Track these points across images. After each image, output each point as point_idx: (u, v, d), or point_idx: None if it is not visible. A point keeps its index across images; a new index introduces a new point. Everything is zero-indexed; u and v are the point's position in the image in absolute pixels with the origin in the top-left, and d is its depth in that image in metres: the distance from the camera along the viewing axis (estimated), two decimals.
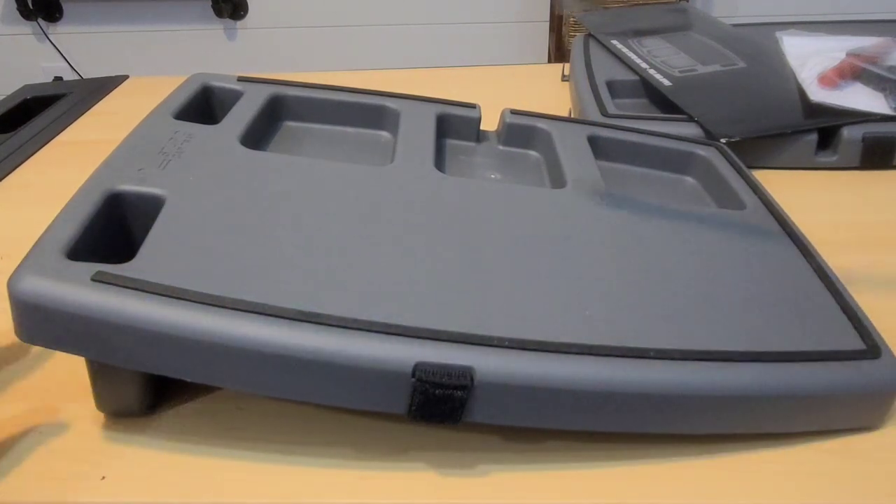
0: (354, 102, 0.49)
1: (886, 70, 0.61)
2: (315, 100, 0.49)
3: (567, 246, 0.36)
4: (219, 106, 0.48)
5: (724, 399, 0.30)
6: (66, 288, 0.28)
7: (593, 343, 0.30)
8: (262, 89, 0.48)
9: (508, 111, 0.50)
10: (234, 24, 1.82)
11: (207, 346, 0.27)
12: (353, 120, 0.49)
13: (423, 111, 0.48)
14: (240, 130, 0.42)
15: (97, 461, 0.31)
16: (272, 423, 0.33)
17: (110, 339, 0.28)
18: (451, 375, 0.27)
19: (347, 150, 0.47)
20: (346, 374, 0.28)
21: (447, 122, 0.48)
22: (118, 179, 0.35)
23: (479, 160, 0.48)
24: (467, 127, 0.49)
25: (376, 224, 0.35)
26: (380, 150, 0.47)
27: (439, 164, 0.43)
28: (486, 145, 0.49)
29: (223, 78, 0.49)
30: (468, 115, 0.49)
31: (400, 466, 0.31)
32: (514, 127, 0.49)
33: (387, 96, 0.49)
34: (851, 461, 0.31)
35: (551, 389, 0.28)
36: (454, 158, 0.47)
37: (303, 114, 0.49)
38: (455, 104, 0.50)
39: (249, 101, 0.46)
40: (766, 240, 0.40)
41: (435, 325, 0.29)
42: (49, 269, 0.28)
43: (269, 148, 0.45)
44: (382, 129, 0.49)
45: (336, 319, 0.28)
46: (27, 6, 1.75)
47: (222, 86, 0.48)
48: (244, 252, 0.31)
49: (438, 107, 0.49)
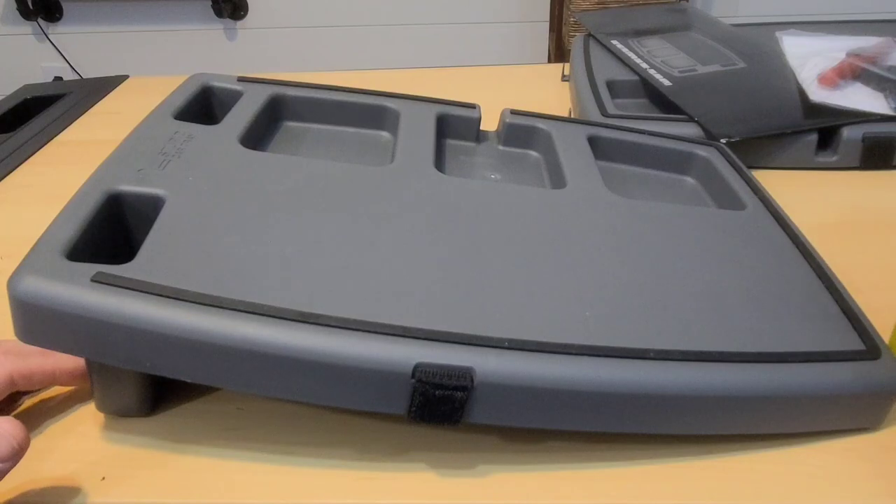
0: (354, 102, 0.49)
1: (886, 70, 0.61)
2: (315, 100, 0.49)
3: (567, 246, 0.36)
4: (219, 106, 0.48)
5: (723, 400, 0.30)
6: (66, 288, 0.27)
7: (593, 343, 0.30)
8: (262, 89, 0.48)
9: (508, 111, 0.50)
10: (234, 24, 1.82)
11: (207, 346, 0.27)
12: (353, 120, 0.49)
13: (422, 111, 0.48)
14: (240, 131, 0.42)
15: (97, 461, 0.31)
16: (272, 424, 0.33)
17: (110, 339, 0.28)
18: (451, 376, 0.27)
19: (347, 150, 0.47)
20: (346, 376, 0.28)
21: (447, 122, 0.48)
22: (118, 179, 0.35)
23: (479, 160, 0.48)
24: (467, 127, 0.49)
25: (376, 224, 0.35)
26: (380, 150, 0.47)
27: (439, 164, 0.43)
28: (486, 145, 0.49)
29: (223, 78, 0.49)
30: (468, 115, 0.49)
31: (400, 467, 0.31)
32: (513, 127, 0.49)
33: (387, 96, 0.49)
34: (851, 461, 0.31)
35: (551, 390, 0.28)
36: (454, 159, 0.47)
37: (303, 114, 0.49)
38: (455, 104, 0.50)
39: (249, 101, 0.46)
40: (766, 240, 0.40)
41: (435, 325, 0.29)
42: (49, 270, 0.28)
43: (269, 148, 0.45)
44: (382, 130, 0.49)
45: (335, 320, 0.28)
46: (27, 6, 1.75)
47: (222, 86, 0.48)
48: (244, 252, 0.31)
49: (438, 107, 0.49)
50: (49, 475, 0.30)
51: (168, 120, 0.42)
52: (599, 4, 1.55)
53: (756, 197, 0.44)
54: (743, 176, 0.47)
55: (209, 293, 0.28)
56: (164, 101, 0.44)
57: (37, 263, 0.28)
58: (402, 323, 0.29)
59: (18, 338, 0.28)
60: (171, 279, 0.29)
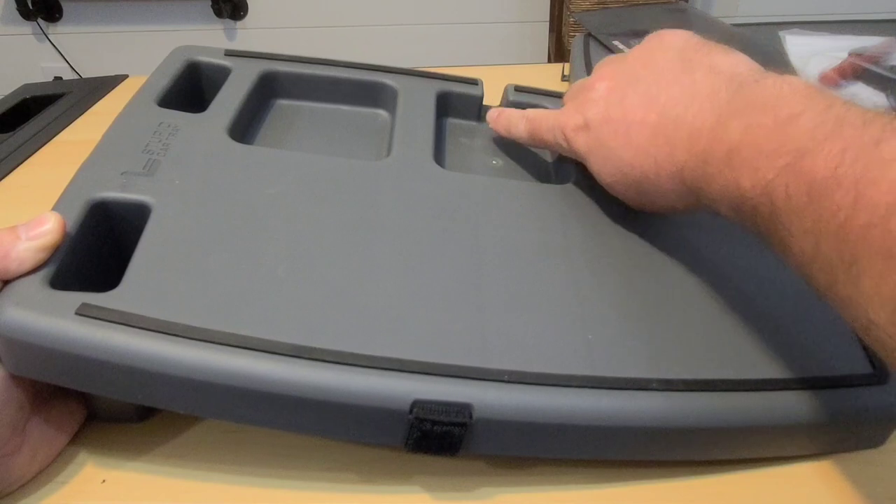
0: (350, 79, 0.46)
1: (888, 70, 0.60)
2: (309, 76, 0.46)
3: (568, 259, 0.35)
4: (206, 83, 0.45)
5: (726, 430, 0.29)
6: (50, 322, 0.26)
7: (595, 374, 0.29)
8: (252, 66, 0.45)
9: (512, 88, 0.48)
10: (234, 24, 1.82)
11: (197, 382, 0.26)
12: (349, 98, 0.46)
13: (422, 88, 0.46)
14: (228, 119, 0.39)
15: (97, 464, 0.31)
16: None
17: (98, 373, 0.27)
18: (448, 413, 0.27)
19: (343, 133, 0.44)
20: (342, 411, 0.27)
21: (448, 100, 0.46)
22: (100, 186, 0.33)
23: (480, 143, 0.46)
24: (469, 105, 0.47)
25: (372, 237, 0.33)
26: (377, 132, 0.45)
27: (438, 153, 0.41)
28: (487, 125, 0.47)
29: (209, 52, 0.46)
30: (470, 92, 0.47)
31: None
32: (518, 105, 0.47)
33: (384, 72, 0.47)
34: (852, 463, 0.31)
35: (551, 424, 0.28)
36: (454, 142, 0.45)
37: (296, 91, 0.46)
38: (456, 80, 0.47)
39: (239, 80, 0.43)
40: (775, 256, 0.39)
41: (432, 357, 0.28)
42: (32, 302, 0.27)
43: (260, 133, 0.43)
44: (380, 108, 0.47)
45: (331, 354, 0.27)
46: (27, 6, 1.75)
47: (209, 61, 0.46)
48: (233, 275, 0.30)
49: (439, 83, 0.47)
50: (49, 478, 0.30)
51: (152, 108, 0.40)
52: (599, 4, 1.55)
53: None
54: None
55: (198, 326, 0.27)
56: (147, 83, 0.42)
57: (19, 294, 0.27)
58: (399, 355, 0.28)
59: (8, 369, 0.28)
60: (159, 309, 0.27)
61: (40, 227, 0.29)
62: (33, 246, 0.28)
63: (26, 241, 0.28)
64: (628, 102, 0.34)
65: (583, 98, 0.37)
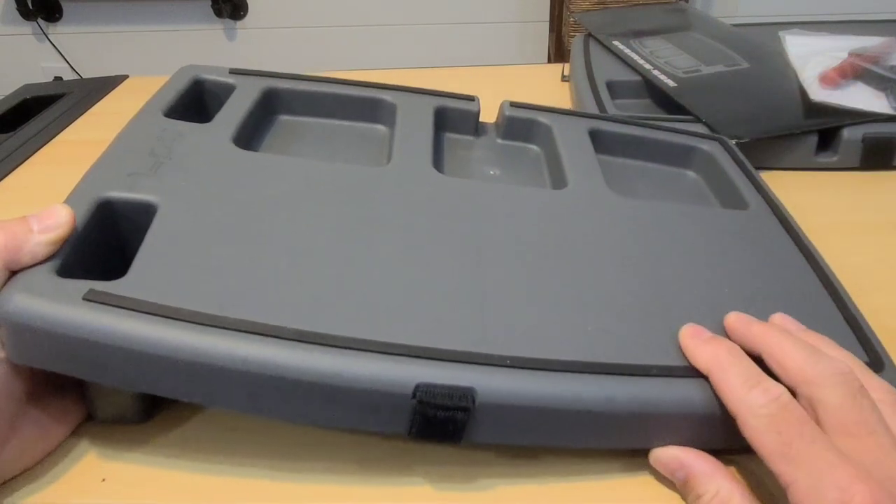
0: (350, 95, 0.48)
1: (888, 70, 0.61)
2: (310, 93, 0.47)
3: (568, 254, 0.35)
4: (211, 100, 0.47)
5: (723, 418, 0.29)
6: (58, 308, 0.26)
7: (596, 360, 0.29)
8: (255, 83, 0.47)
9: (508, 103, 0.49)
10: (234, 24, 1.82)
11: (202, 367, 0.26)
12: (349, 113, 0.48)
13: (420, 104, 0.47)
14: (232, 129, 0.40)
15: (97, 463, 0.31)
16: (273, 426, 0.33)
17: (104, 360, 0.27)
18: (452, 397, 0.27)
19: (343, 146, 0.46)
20: (346, 397, 0.27)
21: (445, 115, 0.48)
22: (108, 185, 0.34)
23: (478, 154, 0.47)
24: (466, 120, 0.48)
25: (374, 233, 0.34)
26: (377, 145, 0.46)
27: (437, 161, 0.42)
28: (484, 139, 0.49)
29: (215, 70, 0.48)
30: (467, 108, 0.48)
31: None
32: (513, 120, 0.48)
33: (383, 89, 0.48)
34: None
35: (552, 409, 0.28)
36: (452, 154, 0.46)
37: (297, 107, 0.48)
38: (453, 97, 0.49)
39: (242, 95, 0.45)
40: (770, 244, 0.39)
41: (436, 343, 0.28)
42: (39, 289, 0.27)
43: (263, 144, 0.44)
44: (379, 123, 0.48)
45: (335, 339, 0.27)
46: (27, 6, 1.75)
47: (214, 79, 0.47)
48: (238, 265, 0.31)
49: (436, 99, 0.48)
50: (49, 477, 0.30)
51: (158, 118, 0.41)
52: (599, 4, 1.55)
53: (759, 195, 0.44)
54: (745, 172, 0.46)
55: (204, 311, 0.27)
56: (155, 97, 0.43)
57: (27, 281, 0.27)
58: (403, 340, 0.28)
59: (11, 358, 0.28)
60: (166, 296, 0.28)
61: (52, 220, 0.29)
62: (45, 240, 0.28)
63: (38, 233, 0.28)
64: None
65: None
